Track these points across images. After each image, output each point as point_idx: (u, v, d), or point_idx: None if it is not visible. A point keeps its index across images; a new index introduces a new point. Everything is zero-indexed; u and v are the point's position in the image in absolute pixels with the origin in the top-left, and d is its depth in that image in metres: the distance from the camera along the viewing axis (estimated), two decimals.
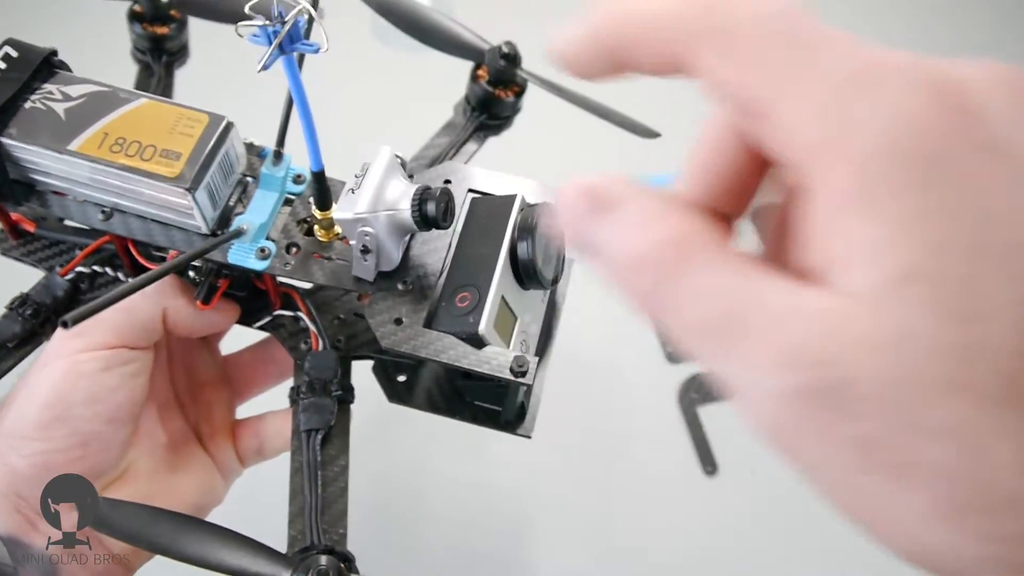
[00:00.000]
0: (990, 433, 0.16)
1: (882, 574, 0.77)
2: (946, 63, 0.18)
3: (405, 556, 0.80)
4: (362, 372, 0.49)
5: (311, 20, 0.36)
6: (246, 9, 0.32)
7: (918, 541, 0.18)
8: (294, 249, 0.45)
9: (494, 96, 0.55)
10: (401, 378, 0.48)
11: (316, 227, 0.45)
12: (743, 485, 0.81)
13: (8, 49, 0.43)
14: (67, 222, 0.50)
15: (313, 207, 0.44)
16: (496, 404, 0.47)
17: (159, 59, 0.55)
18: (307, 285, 0.50)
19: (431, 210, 0.40)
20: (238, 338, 0.54)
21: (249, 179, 0.46)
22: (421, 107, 0.61)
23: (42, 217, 0.50)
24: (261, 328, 0.49)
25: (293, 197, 0.46)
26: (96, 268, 0.48)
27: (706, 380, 0.86)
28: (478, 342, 0.41)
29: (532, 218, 0.43)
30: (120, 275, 0.49)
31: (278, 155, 0.45)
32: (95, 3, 0.55)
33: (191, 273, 0.48)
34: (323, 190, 0.42)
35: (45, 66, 0.43)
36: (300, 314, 0.48)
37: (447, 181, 0.47)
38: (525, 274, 0.44)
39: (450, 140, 0.55)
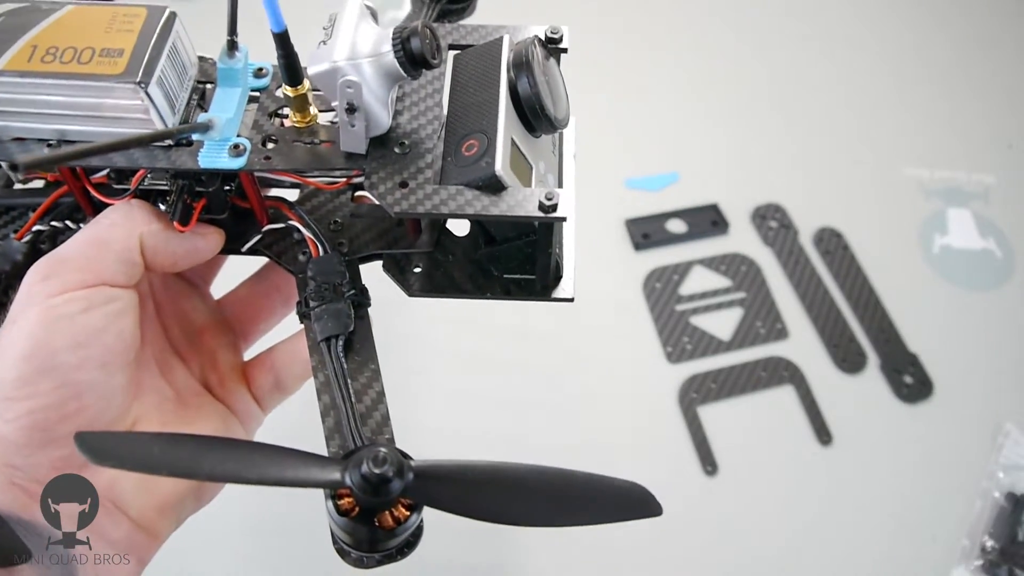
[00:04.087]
0: None
1: (880, 572, 0.74)
2: None
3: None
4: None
5: None
6: None
7: None
8: (271, 143, 0.40)
9: None
10: (417, 269, 0.43)
11: (290, 111, 0.40)
12: (743, 485, 0.78)
13: None
14: (16, 186, 0.45)
15: (282, 88, 0.39)
16: (527, 273, 0.42)
17: None
18: (294, 196, 0.45)
19: (416, 45, 0.36)
20: (234, 278, 0.49)
21: (207, 85, 0.41)
22: None
23: None
24: (252, 251, 0.44)
25: (257, 94, 0.42)
26: (55, 224, 0.43)
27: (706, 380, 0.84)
28: (497, 185, 0.36)
29: (526, 51, 0.39)
30: (83, 226, 0.43)
31: (232, 45, 0.40)
32: None
33: (161, 206, 0.42)
34: (290, 56, 0.37)
35: None
36: (292, 223, 0.43)
37: None
38: (531, 113, 0.39)
39: None
